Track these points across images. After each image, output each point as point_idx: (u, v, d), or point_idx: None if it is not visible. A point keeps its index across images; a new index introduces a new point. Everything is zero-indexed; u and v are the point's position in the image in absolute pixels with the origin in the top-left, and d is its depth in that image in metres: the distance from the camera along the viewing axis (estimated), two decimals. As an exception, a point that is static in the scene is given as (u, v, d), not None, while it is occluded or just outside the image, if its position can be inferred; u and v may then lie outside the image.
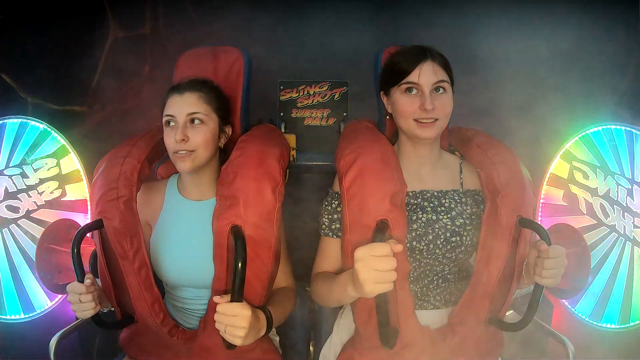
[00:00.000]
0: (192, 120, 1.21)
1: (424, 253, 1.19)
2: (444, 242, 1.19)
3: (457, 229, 1.19)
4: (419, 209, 1.21)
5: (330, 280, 1.15)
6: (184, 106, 1.21)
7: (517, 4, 1.99)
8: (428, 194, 1.23)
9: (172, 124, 1.22)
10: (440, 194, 1.23)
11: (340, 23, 1.97)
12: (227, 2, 1.99)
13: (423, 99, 1.13)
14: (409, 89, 1.16)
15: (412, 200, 1.22)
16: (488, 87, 1.99)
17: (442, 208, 1.22)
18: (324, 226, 1.24)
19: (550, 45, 2.00)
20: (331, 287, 1.13)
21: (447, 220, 1.20)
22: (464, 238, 1.19)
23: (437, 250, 1.19)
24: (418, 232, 1.19)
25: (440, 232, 1.19)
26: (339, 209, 1.22)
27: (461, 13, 2.01)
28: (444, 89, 1.16)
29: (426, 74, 1.14)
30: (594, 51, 1.95)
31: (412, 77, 1.15)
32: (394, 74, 1.18)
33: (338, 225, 1.21)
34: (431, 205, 1.22)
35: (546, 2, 1.98)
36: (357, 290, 0.99)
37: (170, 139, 1.21)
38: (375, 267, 0.94)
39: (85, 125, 2.00)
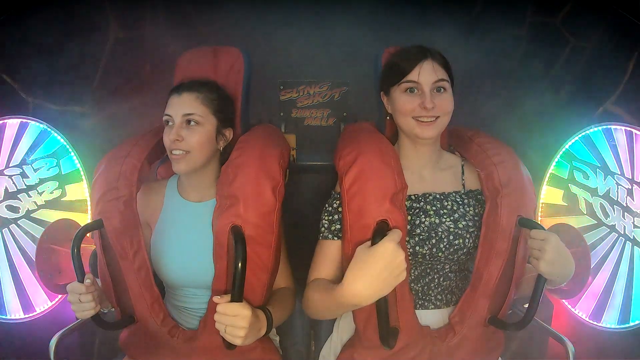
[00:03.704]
0: (188, 122, 1.21)
1: (427, 257, 1.19)
2: (447, 246, 1.18)
3: (460, 232, 1.19)
4: (421, 213, 1.21)
5: (324, 290, 1.10)
6: (180, 106, 1.22)
7: (517, 3, 1.99)
8: (430, 197, 1.23)
9: (170, 123, 1.23)
10: (442, 197, 1.23)
11: (340, 23, 1.97)
12: (227, 2, 1.99)
13: (423, 98, 1.13)
14: (410, 89, 1.16)
15: (414, 204, 1.22)
16: (488, 87, 1.99)
17: (445, 211, 1.21)
18: (322, 229, 1.22)
19: (551, 44, 2.00)
20: (325, 299, 1.09)
21: (450, 223, 1.20)
22: (467, 240, 1.19)
23: (440, 254, 1.18)
24: (421, 237, 1.18)
25: (443, 236, 1.19)
26: (339, 209, 1.21)
27: (462, 13, 2.02)
28: (444, 88, 1.16)
29: (426, 73, 1.14)
30: (593, 51, 1.95)
31: (412, 75, 1.15)
32: (393, 73, 1.18)
33: (338, 226, 1.21)
34: (434, 208, 1.22)
35: (545, 2, 1.98)
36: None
37: (165, 138, 1.22)
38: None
39: (86, 125, 2.00)
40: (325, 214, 1.24)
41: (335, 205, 1.23)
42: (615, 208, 1.78)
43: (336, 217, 1.22)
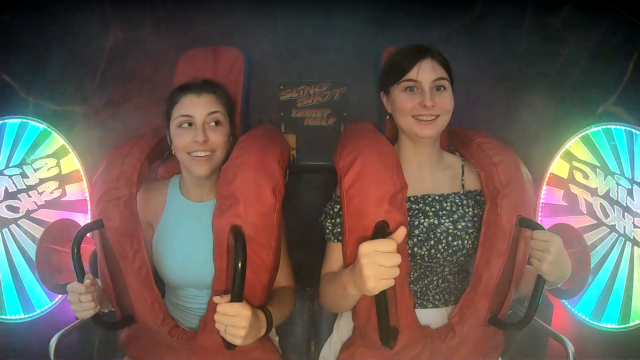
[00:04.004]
0: (212, 121, 1.22)
1: (425, 258, 1.18)
2: (446, 247, 1.18)
3: (459, 233, 1.19)
4: (420, 214, 1.21)
5: (332, 281, 1.15)
6: (204, 107, 1.21)
7: (517, 3, 1.99)
8: (429, 198, 1.23)
9: (190, 124, 1.21)
10: (441, 198, 1.23)
11: (340, 23, 1.97)
12: (226, 2, 1.99)
13: (423, 96, 1.13)
14: (410, 88, 1.16)
15: (413, 206, 1.22)
16: (488, 87, 1.99)
17: (444, 212, 1.21)
18: (327, 231, 1.24)
19: (551, 44, 2.00)
20: (333, 289, 1.13)
21: (449, 224, 1.20)
22: (466, 241, 1.19)
23: (439, 255, 1.18)
24: (420, 238, 1.18)
25: (442, 237, 1.19)
26: (340, 213, 1.21)
27: (462, 13, 2.01)
28: (444, 87, 1.16)
29: (425, 71, 1.14)
30: (594, 50, 1.95)
31: (412, 74, 1.15)
32: (393, 72, 1.18)
33: (339, 229, 1.21)
34: (433, 209, 1.22)
35: (546, 2, 1.98)
36: (359, 287, 0.99)
37: (186, 140, 1.20)
38: (381, 263, 0.94)
39: (85, 125, 2.00)
40: (328, 217, 1.24)
41: (336, 209, 1.23)
42: (615, 208, 1.78)
43: (338, 220, 1.22)
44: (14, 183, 1.82)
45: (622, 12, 1.81)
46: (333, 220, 1.23)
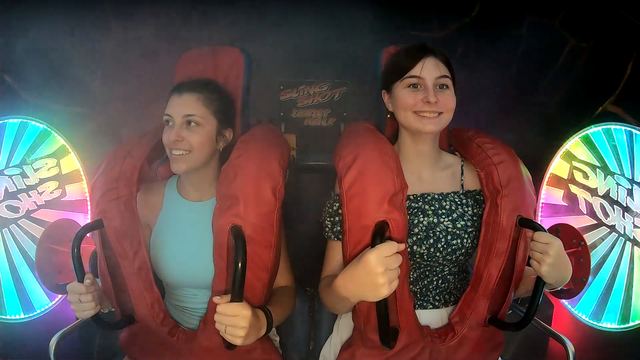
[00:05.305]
0: (188, 122, 1.22)
1: (425, 257, 1.19)
2: (445, 245, 1.18)
3: (458, 232, 1.19)
4: (420, 213, 1.21)
5: (328, 290, 1.14)
6: (180, 107, 1.22)
7: (517, 3, 1.99)
8: (429, 197, 1.23)
9: (170, 123, 1.23)
10: (440, 197, 1.23)
11: (340, 23, 1.97)
12: (226, 2, 1.99)
13: (426, 92, 1.14)
14: (413, 85, 1.16)
15: (413, 204, 1.22)
16: (488, 87, 1.99)
17: (443, 211, 1.22)
18: (327, 229, 1.24)
19: (550, 44, 2.00)
20: (330, 296, 1.13)
21: (449, 222, 1.20)
22: (465, 241, 1.19)
23: (438, 254, 1.18)
24: (419, 237, 1.18)
25: (441, 235, 1.19)
26: (340, 211, 1.21)
27: (462, 13, 2.02)
28: (446, 85, 1.16)
29: (429, 68, 1.15)
30: (593, 51, 1.95)
31: (415, 70, 1.15)
32: (396, 70, 1.19)
33: (339, 228, 1.21)
34: (432, 208, 1.22)
35: (545, 2, 1.99)
36: (367, 298, 1.00)
37: (166, 138, 1.23)
38: (391, 267, 0.97)
39: (86, 125, 2.00)
40: (327, 216, 1.24)
41: (335, 207, 1.23)
42: (615, 208, 1.78)
43: (337, 219, 1.22)
44: (14, 183, 1.82)
45: (622, 12, 1.81)
46: (332, 219, 1.23)
